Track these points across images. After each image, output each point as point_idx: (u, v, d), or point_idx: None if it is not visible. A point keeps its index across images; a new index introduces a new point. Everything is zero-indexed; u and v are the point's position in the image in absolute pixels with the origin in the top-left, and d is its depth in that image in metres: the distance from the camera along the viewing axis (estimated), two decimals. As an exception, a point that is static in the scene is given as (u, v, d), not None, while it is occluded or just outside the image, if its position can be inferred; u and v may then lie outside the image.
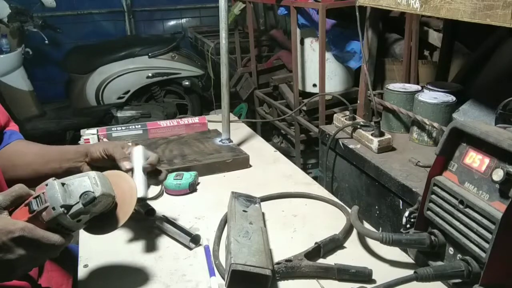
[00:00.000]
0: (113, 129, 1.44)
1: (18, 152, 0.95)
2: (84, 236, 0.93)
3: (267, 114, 2.76)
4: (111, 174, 0.76)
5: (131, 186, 0.77)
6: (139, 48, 3.40)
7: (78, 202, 0.64)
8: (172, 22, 4.45)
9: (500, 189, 0.67)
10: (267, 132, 2.93)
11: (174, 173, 1.13)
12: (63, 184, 0.65)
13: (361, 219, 0.91)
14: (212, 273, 0.80)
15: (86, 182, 0.65)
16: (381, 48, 1.91)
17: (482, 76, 1.57)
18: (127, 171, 0.82)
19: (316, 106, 2.12)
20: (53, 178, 0.65)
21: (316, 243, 0.85)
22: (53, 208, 0.62)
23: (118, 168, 0.83)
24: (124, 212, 0.73)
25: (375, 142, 1.32)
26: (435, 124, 1.27)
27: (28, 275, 0.85)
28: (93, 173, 0.68)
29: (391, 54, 2.11)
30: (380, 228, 1.30)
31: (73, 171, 0.87)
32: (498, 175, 0.66)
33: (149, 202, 1.03)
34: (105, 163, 0.86)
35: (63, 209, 0.63)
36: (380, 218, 1.29)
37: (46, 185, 0.64)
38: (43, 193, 0.63)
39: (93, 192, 0.65)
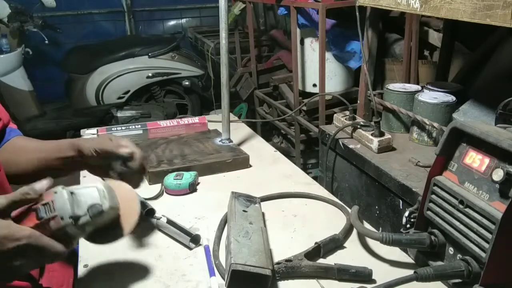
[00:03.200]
0: (113, 129, 1.44)
1: (19, 148, 0.96)
2: (84, 236, 0.93)
3: (267, 114, 2.76)
4: (114, 185, 0.76)
5: (133, 198, 0.77)
6: (139, 48, 3.40)
7: (86, 214, 0.64)
8: (172, 22, 4.45)
9: (500, 189, 0.67)
10: (267, 132, 2.93)
11: (174, 173, 1.13)
12: (71, 193, 0.65)
13: (361, 219, 0.91)
14: (212, 273, 0.80)
15: (95, 193, 0.66)
16: (381, 48, 1.91)
17: (482, 76, 1.57)
18: (129, 155, 0.83)
19: (316, 106, 2.12)
20: (62, 186, 0.66)
21: (316, 243, 0.85)
22: (62, 218, 0.63)
23: (109, 164, 0.84)
24: (127, 223, 0.73)
25: (375, 142, 1.32)
26: (435, 124, 1.27)
27: (29, 275, 0.86)
28: (101, 185, 0.68)
29: (391, 54, 2.11)
30: (380, 228, 1.30)
31: (67, 162, 0.88)
32: (498, 175, 0.66)
33: (149, 202, 1.04)
34: (96, 160, 0.86)
35: (71, 220, 0.63)
36: (380, 218, 1.29)
37: (55, 192, 0.64)
38: (52, 201, 0.63)
39: (101, 205, 0.65)
